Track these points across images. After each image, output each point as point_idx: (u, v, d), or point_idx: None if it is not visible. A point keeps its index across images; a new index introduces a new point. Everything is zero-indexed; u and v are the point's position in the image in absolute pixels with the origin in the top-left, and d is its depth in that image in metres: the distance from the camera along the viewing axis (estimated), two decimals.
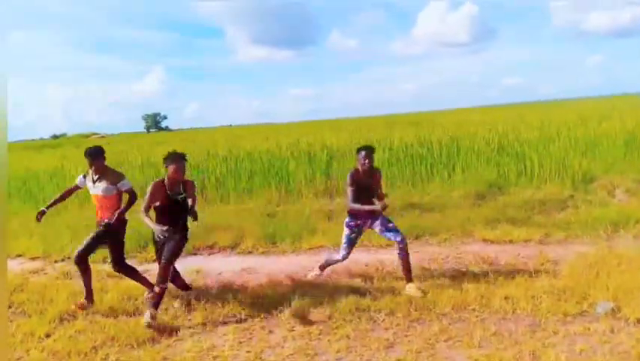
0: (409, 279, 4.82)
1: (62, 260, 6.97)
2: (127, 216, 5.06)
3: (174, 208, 4.63)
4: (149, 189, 4.62)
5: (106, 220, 4.87)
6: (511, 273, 5.00)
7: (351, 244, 5.08)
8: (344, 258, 5.10)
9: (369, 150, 4.91)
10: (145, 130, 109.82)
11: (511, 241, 6.18)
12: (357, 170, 4.93)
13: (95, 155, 4.97)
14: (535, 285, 4.62)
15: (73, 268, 6.43)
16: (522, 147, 10.56)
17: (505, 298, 4.35)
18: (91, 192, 5.09)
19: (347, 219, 5.04)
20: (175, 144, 23.39)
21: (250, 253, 6.64)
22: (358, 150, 4.96)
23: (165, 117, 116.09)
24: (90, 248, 4.95)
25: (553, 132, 11.91)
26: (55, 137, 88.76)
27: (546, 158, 9.72)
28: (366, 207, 4.86)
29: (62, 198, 5.28)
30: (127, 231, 5.11)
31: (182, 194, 4.65)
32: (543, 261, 5.33)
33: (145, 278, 5.13)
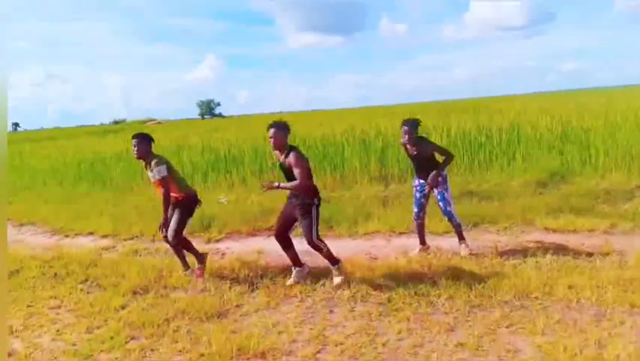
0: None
1: (131, 239, 7.37)
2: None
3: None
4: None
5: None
6: (575, 262, 4.90)
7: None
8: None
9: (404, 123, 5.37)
10: (199, 116, 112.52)
11: (574, 231, 6.00)
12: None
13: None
14: (600, 275, 4.50)
15: (142, 246, 6.84)
16: (586, 135, 10.16)
17: (569, 287, 4.26)
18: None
19: None
20: (231, 130, 23.91)
21: None
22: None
23: (219, 104, 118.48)
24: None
25: (619, 120, 11.35)
26: (115, 122, 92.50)
27: (612, 146, 9.32)
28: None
29: None
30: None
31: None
32: (608, 251, 5.16)
33: (196, 252, 5.44)
